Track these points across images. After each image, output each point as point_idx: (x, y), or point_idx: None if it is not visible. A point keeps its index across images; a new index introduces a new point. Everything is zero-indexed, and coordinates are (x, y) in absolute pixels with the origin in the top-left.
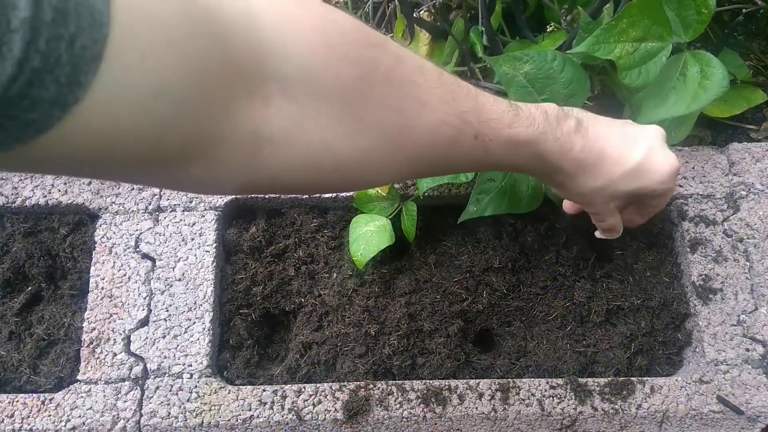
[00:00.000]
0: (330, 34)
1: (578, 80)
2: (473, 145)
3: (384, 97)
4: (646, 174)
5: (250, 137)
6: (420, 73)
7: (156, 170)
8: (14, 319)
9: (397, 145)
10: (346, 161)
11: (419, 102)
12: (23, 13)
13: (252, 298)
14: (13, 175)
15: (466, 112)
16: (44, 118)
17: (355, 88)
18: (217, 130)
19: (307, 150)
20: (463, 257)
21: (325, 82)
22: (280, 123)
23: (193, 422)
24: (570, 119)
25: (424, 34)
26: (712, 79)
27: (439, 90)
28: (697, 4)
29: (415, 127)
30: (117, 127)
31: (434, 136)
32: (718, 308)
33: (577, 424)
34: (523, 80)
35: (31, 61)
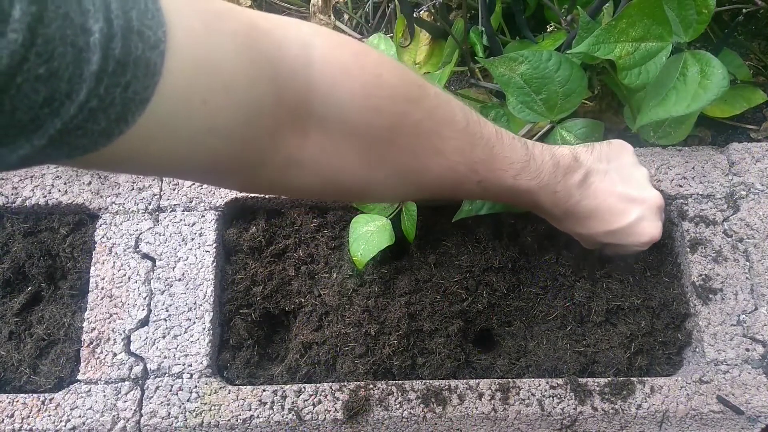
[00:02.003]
0: (372, 89)
1: (575, 79)
2: (474, 187)
3: (406, 144)
4: (627, 236)
5: (284, 162)
6: (446, 125)
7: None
8: (14, 319)
9: (407, 181)
10: (358, 186)
11: (436, 150)
12: (93, 67)
13: (252, 298)
14: (13, 175)
15: (477, 162)
16: (91, 144)
17: (382, 134)
18: (260, 156)
19: (328, 174)
20: (463, 257)
21: (358, 126)
22: (312, 152)
23: (193, 422)
24: (579, 172)
25: (424, 34)
26: (712, 79)
27: (458, 141)
28: (697, 4)
29: (426, 170)
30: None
31: (441, 178)
32: (718, 308)
33: (577, 424)
34: (520, 81)
35: (90, 102)
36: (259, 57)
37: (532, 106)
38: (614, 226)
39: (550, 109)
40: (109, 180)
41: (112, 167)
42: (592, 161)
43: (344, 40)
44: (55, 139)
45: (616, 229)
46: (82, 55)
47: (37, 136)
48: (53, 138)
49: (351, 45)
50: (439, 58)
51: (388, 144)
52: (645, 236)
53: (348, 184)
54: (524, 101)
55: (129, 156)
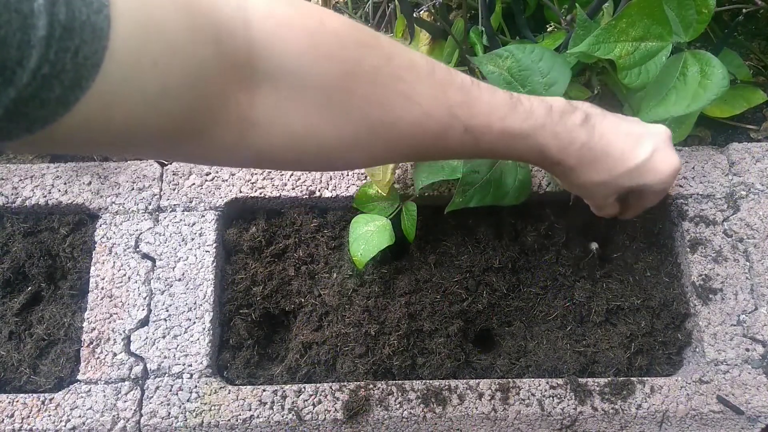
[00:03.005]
0: (318, 36)
1: (557, 69)
2: (462, 136)
3: (368, 93)
4: (648, 173)
5: (238, 122)
6: (409, 70)
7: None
8: (14, 319)
9: (380, 136)
10: (328, 146)
11: (404, 97)
12: (41, 33)
13: (252, 298)
14: (13, 175)
15: (454, 105)
16: (50, 114)
17: (339, 83)
18: (211, 116)
19: (290, 134)
20: (463, 257)
21: (309, 78)
22: (265, 110)
23: (193, 422)
24: (577, 113)
25: (424, 34)
26: (712, 79)
27: (426, 86)
28: (697, 4)
29: (399, 121)
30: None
31: (418, 128)
32: (718, 308)
33: (577, 424)
34: (508, 76)
35: (43, 69)
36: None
37: None
38: (632, 162)
39: None
40: (109, 180)
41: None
42: (588, 105)
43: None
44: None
45: (636, 166)
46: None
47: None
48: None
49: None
50: (439, 58)
51: (347, 94)
52: (667, 166)
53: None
54: None
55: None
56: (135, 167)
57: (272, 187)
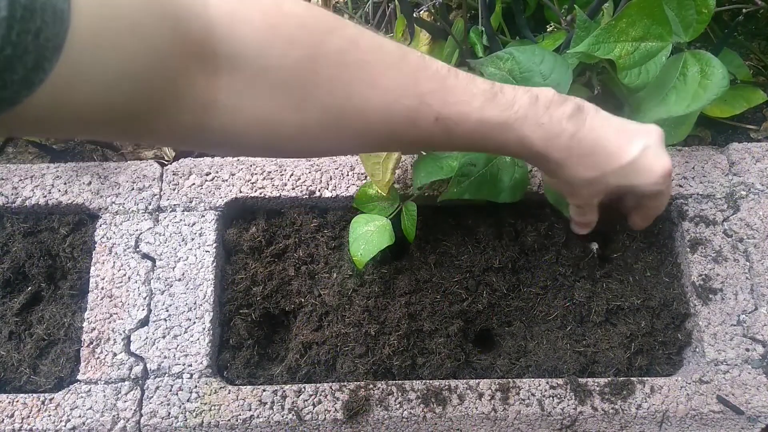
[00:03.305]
0: (277, 18)
1: (558, 71)
2: (432, 126)
3: (331, 77)
4: (639, 172)
5: (199, 103)
6: (376, 55)
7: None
8: (14, 319)
9: (347, 122)
10: (292, 131)
11: (370, 83)
12: (2, 13)
13: (252, 298)
14: (13, 175)
15: (426, 94)
16: (14, 95)
17: (300, 67)
18: (172, 97)
19: (252, 118)
20: (463, 257)
21: (269, 60)
22: (227, 93)
23: (193, 422)
24: (566, 105)
25: (424, 34)
26: (712, 79)
27: (395, 71)
28: (697, 4)
29: (365, 107)
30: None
31: (386, 115)
32: (718, 308)
33: (577, 424)
34: (509, 78)
35: (5, 50)
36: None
37: None
38: (621, 160)
39: None
40: (109, 180)
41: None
42: (581, 100)
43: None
44: None
45: (625, 164)
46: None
47: None
48: None
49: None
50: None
51: (310, 78)
52: (658, 167)
53: (279, 132)
54: None
55: (52, 107)
56: (135, 167)
57: (272, 187)
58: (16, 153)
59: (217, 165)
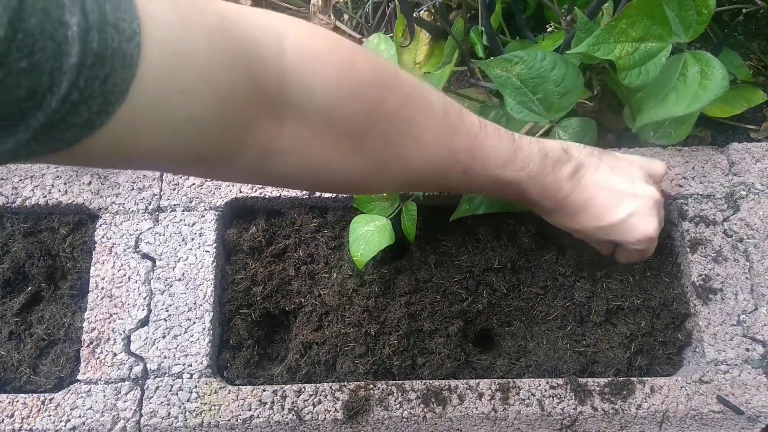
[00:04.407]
0: (346, 75)
1: (570, 77)
2: (460, 176)
3: (384, 133)
4: (621, 232)
5: (264, 149)
6: (424, 113)
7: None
8: (14, 319)
9: (387, 169)
10: (344, 175)
11: (415, 139)
12: (73, 60)
13: (252, 298)
14: (13, 175)
15: (459, 150)
16: (75, 136)
17: (358, 121)
18: (238, 143)
19: (309, 162)
20: (463, 257)
21: (334, 113)
22: (291, 140)
23: (193, 422)
24: (569, 164)
25: (424, 34)
26: (712, 79)
27: (437, 129)
28: (697, 5)
29: (407, 158)
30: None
31: (423, 166)
32: (718, 308)
33: (577, 424)
34: (516, 81)
35: (72, 95)
36: (233, 47)
37: (530, 107)
38: (605, 221)
39: (547, 109)
40: (109, 180)
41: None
42: (584, 155)
43: (317, 29)
44: (39, 133)
45: (608, 225)
46: (62, 48)
47: (21, 130)
48: (37, 131)
49: (324, 33)
50: (439, 58)
51: (365, 131)
52: (636, 233)
53: (331, 175)
54: (521, 101)
55: (111, 148)
56: None
57: (272, 187)
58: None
59: None
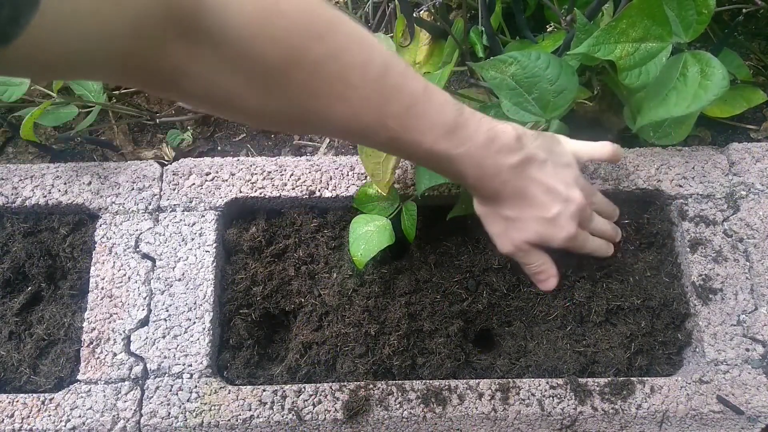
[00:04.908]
0: (269, 15)
1: (565, 76)
2: (387, 142)
3: (304, 83)
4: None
5: (174, 68)
6: (356, 70)
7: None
8: (14, 319)
9: (304, 119)
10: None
11: (340, 95)
12: None
13: (252, 298)
14: (13, 175)
15: (389, 117)
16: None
17: (277, 67)
18: (150, 61)
19: (216, 90)
20: (463, 257)
21: (250, 51)
22: (199, 66)
23: (193, 422)
24: (517, 154)
25: (424, 33)
26: (712, 79)
27: (368, 90)
28: (697, 5)
29: (328, 113)
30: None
31: (345, 125)
32: (718, 308)
33: (577, 424)
34: (511, 82)
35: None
36: None
37: (526, 107)
38: (541, 213)
39: (543, 108)
40: (109, 180)
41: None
42: (536, 147)
43: None
44: None
45: (541, 217)
46: None
47: None
48: None
49: None
50: (439, 58)
51: (284, 78)
52: (563, 231)
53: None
54: (517, 102)
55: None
56: (135, 167)
57: (272, 187)
58: (16, 153)
59: (217, 165)
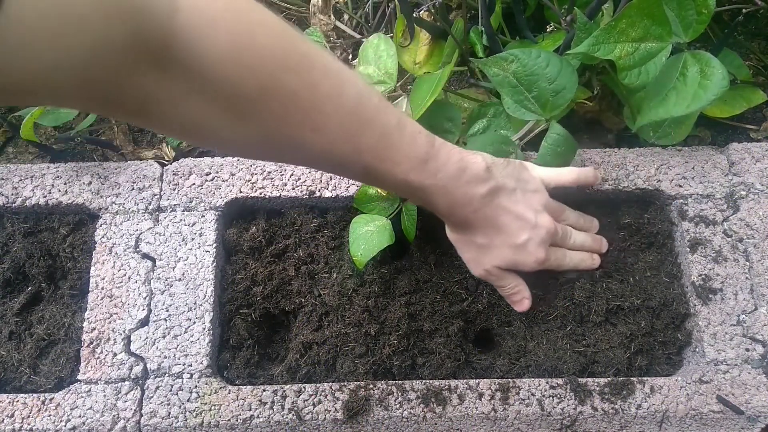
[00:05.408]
0: (241, 46)
1: (564, 75)
2: (362, 172)
3: (279, 113)
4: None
5: (144, 95)
6: (331, 101)
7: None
8: (14, 319)
9: (278, 148)
10: (228, 139)
11: (314, 128)
12: None
13: (252, 298)
14: (13, 175)
15: (364, 149)
16: None
17: (252, 96)
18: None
19: (186, 117)
20: None
21: (224, 83)
22: (173, 95)
23: (193, 422)
24: (486, 184)
25: (424, 34)
26: (712, 79)
27: (343, 121)
28: (697, 5)
29: (301, 143)
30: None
31: (320, 155)
32: (718, 308)
33: (577, 424)
34: (513, 80)
35: None
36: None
37: (526, 105)
38: (511, 241)
39: (542, 107)
40: (109, 180)
41: None
42: (504, 176)
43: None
44: None
45: (513, 244)
46: None
47: None
48: None
49: None
50: (439, 58)
51: (257, 106)
52: (532, 257)
53: (211, 134)
54: (518, 100)
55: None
56: (135, 167)
57: (272, 187)
58: (16, 153)
59: (217, 165)
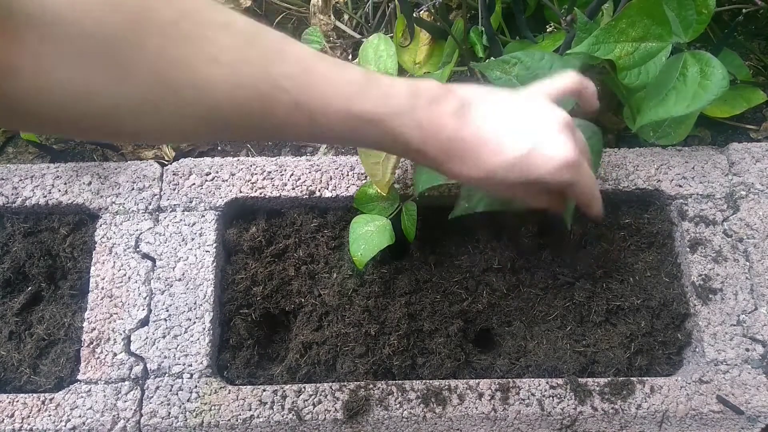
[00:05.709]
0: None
1: None
2: (294, 114)
3: (161, 49)
4: (532, 167)
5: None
6: (219, 29)
7: None
8: (14, 319)
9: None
10: (115, 107)
11: (210, 58)
12: None
13: (252, 298)
14: (13, 175)
15: (281, 77)
16: None
17: (122, 35)
18: None
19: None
20: (462, 257)
21: (84, 26)
22: (30, 58)
23: (193, 422)
24: (451, 101)
25: (424, 34)
26: (711, 79)
27: (243, 50)
28: (697, 4)
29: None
30: None
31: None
32: (718, 308)
33: (577, 424)
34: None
35: None
36: None
37: None
38: (509, 155)
39: None
40: (109, 180)
41: None
42: (470, 90)
43: None
44: None
45: (514, 159)
46: None
47: None
48: None
49: None
50: (439, 58)
51: (136, 49)
52: (553, 159)
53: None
54: None
55: None
56: (135, 167)
57: (272, 187)
58: (16, 153)
59: (217, 165)
